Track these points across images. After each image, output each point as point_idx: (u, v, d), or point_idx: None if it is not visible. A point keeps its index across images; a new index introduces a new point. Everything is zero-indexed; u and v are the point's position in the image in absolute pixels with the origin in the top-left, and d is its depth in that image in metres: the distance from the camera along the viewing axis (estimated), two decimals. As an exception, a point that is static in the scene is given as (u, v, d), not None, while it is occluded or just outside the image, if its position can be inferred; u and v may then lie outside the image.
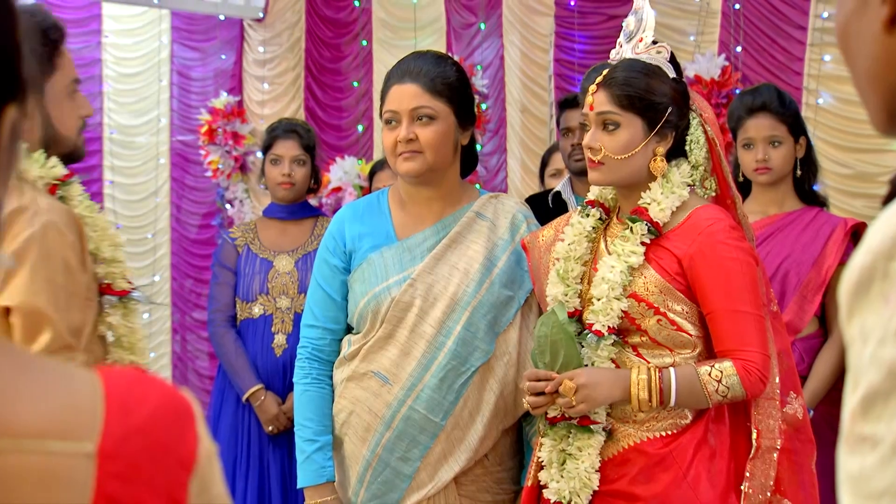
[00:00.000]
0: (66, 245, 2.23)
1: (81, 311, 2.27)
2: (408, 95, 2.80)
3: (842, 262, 3.57)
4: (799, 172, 3.68)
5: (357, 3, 7.73)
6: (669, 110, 2.56)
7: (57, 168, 2.33)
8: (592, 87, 2.59)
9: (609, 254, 2.61)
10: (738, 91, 5.57)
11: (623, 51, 2.62)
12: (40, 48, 2.29)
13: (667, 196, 2.57)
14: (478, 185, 3.21)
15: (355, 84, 7.80)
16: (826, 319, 3.64)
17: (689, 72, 5.59)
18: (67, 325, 2.21)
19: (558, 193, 4.13)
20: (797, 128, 3.67)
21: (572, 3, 6.49)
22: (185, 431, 0.89)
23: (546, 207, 4.01)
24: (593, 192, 2.74)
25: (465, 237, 2.88)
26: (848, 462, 0.80)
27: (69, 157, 2.43)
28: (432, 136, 2.80)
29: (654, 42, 2.60)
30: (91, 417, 0.85)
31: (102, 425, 0.85)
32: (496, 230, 2.90)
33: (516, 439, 2.93)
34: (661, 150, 2.58)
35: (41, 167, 2.31)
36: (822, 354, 3.58)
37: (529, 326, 2.86)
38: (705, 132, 2.65)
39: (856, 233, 3.62)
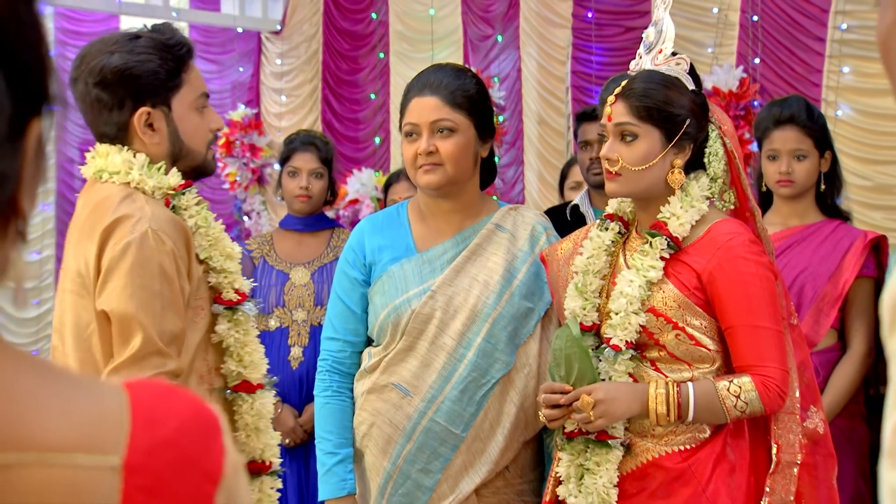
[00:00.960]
0: (164, 252, 2.27)
1: (180, 317, 2.31)
2: (428, 108, 2.80)
3: (860, 276, 3.54)
4: (823, 186, 3.64)
5: (374, 16, 7.75)
6: (688, 122, 2.55)
7: (172, 178, 2.39)
8: (611, 99, 2.58)
9: (628, 268, 2.60)
10: (756, 103, 5.56)
11: (642, 62, 2.61)
12: (166, 64, 2.36)
13: (686, 210, 2.55)
14: (495, 198, 3.19)
15: (372, 96, 7.81)
16: (843, 333, 3.60)
17: (707, 84, 5.57)
18: (160, 331, 2.25)
19: (576, 206, 4.11)
20: (824, 142, 3.62)
21: (589, 16, 6.49)
22: (211, 444, 0.88)
23: (564, 220, 3.99)
24: (612, 206, 2.73)
25: (484, 249, 2.88)
26: (891, 476, 0.79)
27: (198, 171, 2.49)
28: (452, 148, 2.80)
29: (674, 53, 2.59)
30: (117, 430, 0.84)
31: (128, 438, 0.84)
32: (516, 242, 2.90)
33: (537, 451, 2.92)
34: (679, 162, 2.57)
35: (158, 178, 2.36)
36: (840, 368, 3.54)
37: (549, 338, 2.85)
38: (724, 144, 2.63)
39: (876, 246, 3.59)
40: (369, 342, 2.95)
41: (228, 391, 2.44)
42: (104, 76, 2.32)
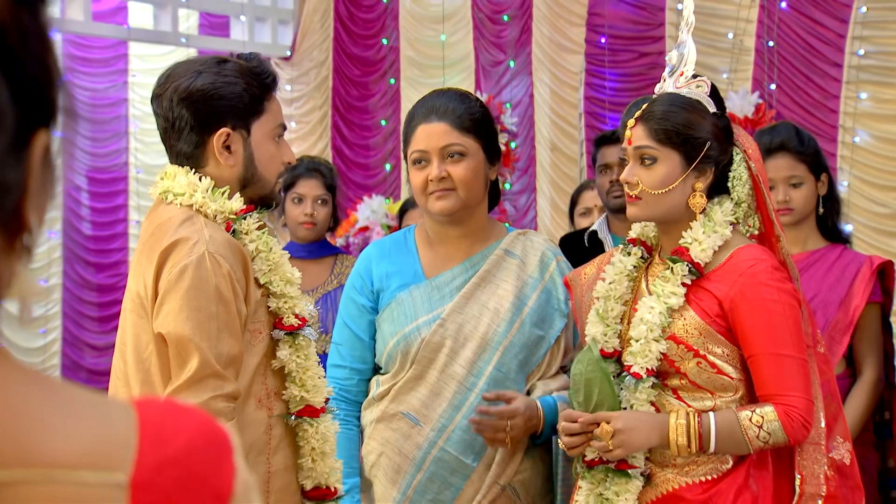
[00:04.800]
0: (220, 275, 2.29)
1: (237, 340, 2.31)
2: (437, 134, 2.78)
3: (869, 302, 3.50)
4: (821, 210, 3.60)
5: (385, 42, 7.74)
6: (708, 145, 2.52)
7: (235, 203, 2.41)
8: (631, 122, 2.57)
9: (649, 294, 2.57)
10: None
11: (665, 85, 2.60)
12: (251, 89, 2.43)
13: (708, 235, 2.51)
14: (506, 224, 3.16)
15: (383, 123, 7.80)
16: (854, 360, 3.55)
17: (722, 109, 5.53)
18: (217, 353, 2.26)
19: (594, 232, 4.08)
20: (818, 165, 3.59)
21: (602, 41, 6.46)
22: (221, 462, 0.87)
23: (582, 246, 3.96)
24: (635, 230, 2.70)
25: (494, 275, 2.84)
26: None
27: (265, 200, 2.52)
28: (464, 172, 2.77)
29: (695, 76, 2.56)
30: (124, 448, 0.84)
31: (136, 455, 0.84)
32: (525, 268, 2.86)
33: (548, 477, 2.88)
34: (700, 185, 2.54)
35: (221, 202, 2.39)
36: (853, 396, 3.51)
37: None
38: (749, 168, 2.60)
39: (882, 271, 3.54)
40: (376, 370, 2.91)
41: (292, 417, 2.43)
42: (190, 95, 2.38)
